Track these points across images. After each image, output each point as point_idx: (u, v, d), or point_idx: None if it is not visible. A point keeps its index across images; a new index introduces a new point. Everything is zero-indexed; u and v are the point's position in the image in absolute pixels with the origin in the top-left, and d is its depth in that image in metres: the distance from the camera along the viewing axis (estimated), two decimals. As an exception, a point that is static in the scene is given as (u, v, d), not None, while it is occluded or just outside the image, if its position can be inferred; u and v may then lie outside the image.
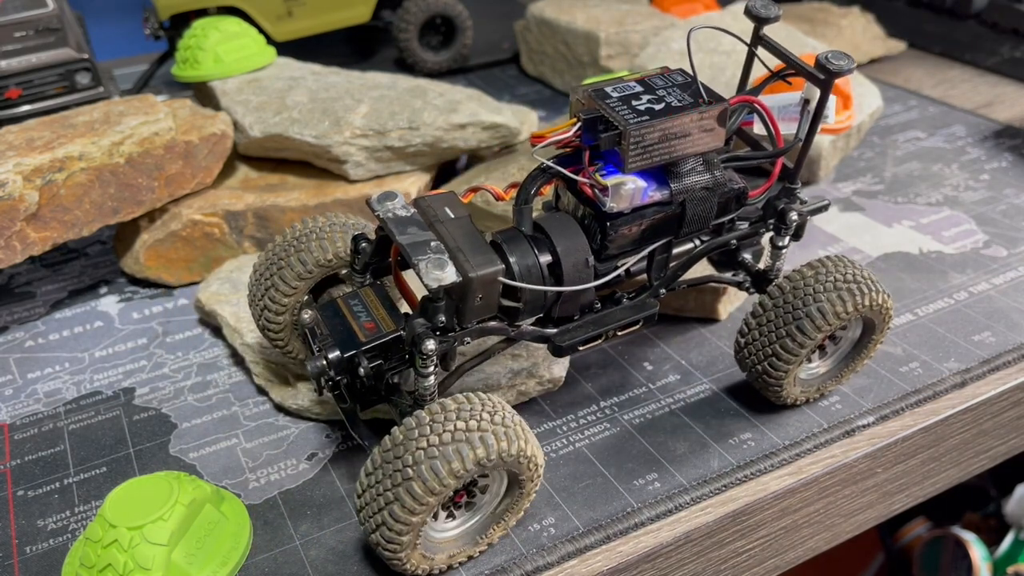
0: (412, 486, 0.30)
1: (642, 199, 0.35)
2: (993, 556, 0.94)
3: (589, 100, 0.35)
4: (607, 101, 0.34)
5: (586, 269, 0.35)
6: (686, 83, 0.35)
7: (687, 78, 0.36)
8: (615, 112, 0.33)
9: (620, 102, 0.34)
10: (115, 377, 0.47)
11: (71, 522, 0.38)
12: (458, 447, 0.31)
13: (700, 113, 0.34)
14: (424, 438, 0.31)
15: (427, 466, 0.30)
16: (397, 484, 0.31)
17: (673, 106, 0.34)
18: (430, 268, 0.31)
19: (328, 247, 0.39)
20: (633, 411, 0.44)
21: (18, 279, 0.57)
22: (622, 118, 0.33)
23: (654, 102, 0.34)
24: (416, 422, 0.32)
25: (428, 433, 0.31)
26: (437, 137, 0.56)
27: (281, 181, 0.58)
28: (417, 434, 0.31)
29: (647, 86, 0.35)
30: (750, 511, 0.39)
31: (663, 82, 0.35)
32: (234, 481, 0.40)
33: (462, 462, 0.31)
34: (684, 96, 0.34)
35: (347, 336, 0.36)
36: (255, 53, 0.64)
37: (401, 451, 0.31)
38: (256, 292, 0.41)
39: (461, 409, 0.32)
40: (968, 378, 0.45)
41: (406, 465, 0.31)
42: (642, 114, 0.33)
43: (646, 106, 0.34)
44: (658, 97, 0.34)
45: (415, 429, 0.32)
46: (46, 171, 0.48)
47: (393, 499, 0.31)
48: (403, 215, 0.34)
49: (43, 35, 0.61)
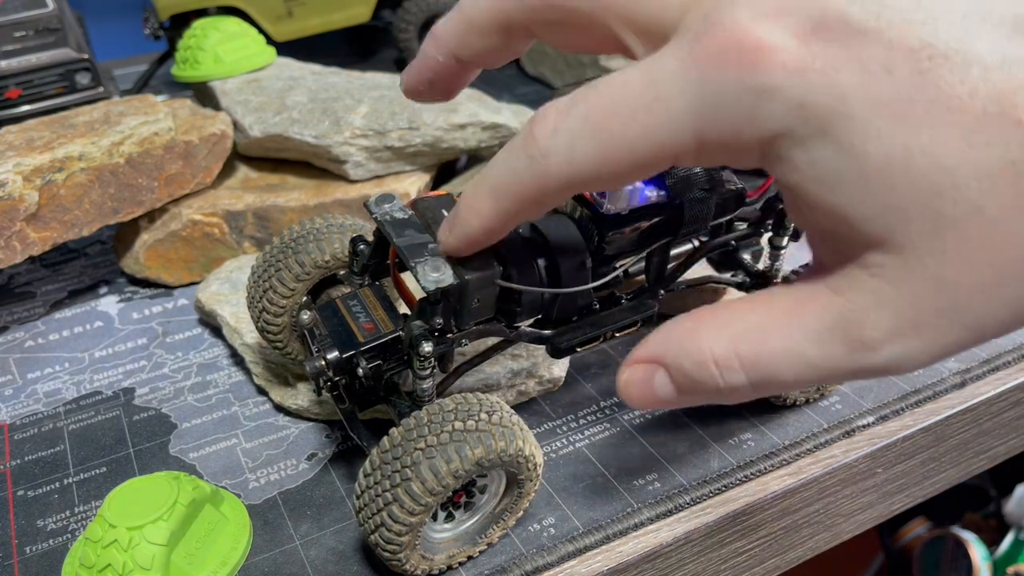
0: (411, 486, 0.30)
1: (639, 200, 0.35)
2: (993, 556, 0.94)
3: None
4: None
5: (584, 271, 0.35)
6: None
7: None
8: None
9: None
10: (115, 377, 0.47)
11: (71, 522, 0.38)
12: (457, 447, 0.31)
13: None
14: (422, 438, 0.31)
15: (426, 466, 0.31)
16: (396, 485, 0.31)
17: None
18: (427, 271, 0.31)
19: (326, 248, 0.39)
20: (633, 411, 0.44)
21: (18, 279, 0.57)
22: None
23: None
24: (415, 422, 0.32)
25: (427, 433, 0.31)
26: (437, 137, 0.56)
27: (281, 181, 0.58)
28: (415, 434, 0.31)
29: None
30: (750, 511, 0.39)
31: None
32: (234, 481, 0.40)
33: (461, 462, 0.31)
34: None
35: (346, 337, 0.36)
36: (255, 53, 0.64)
37: (400, 452, 0.31)
38: (254, 294, 0.41)
39: (459, 409, 0.32)
40: (968, 378, 0.45)
41: (405, 466, 0.31)
42: None
43: None
44: None
45: (413, 430, 0.32)
46: (46, 171, 0.48)
47: (392, 500, 0.31)
48: (400, 218, 0.34)
49: (43, 35, 0.61)
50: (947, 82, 0.20)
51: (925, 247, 0.21)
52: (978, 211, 0.20)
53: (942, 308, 0.22)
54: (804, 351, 0.23)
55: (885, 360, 0.23)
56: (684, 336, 0.25)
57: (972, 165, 0.20)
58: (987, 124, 0.20)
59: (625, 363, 0.26)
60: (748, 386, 0.24)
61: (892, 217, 0.21)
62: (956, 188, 0.20)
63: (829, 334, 0.23)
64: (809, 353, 0.23)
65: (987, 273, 0.21)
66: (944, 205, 0.20)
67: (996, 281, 0.21)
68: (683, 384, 0.25)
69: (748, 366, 0.24)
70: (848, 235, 0.22)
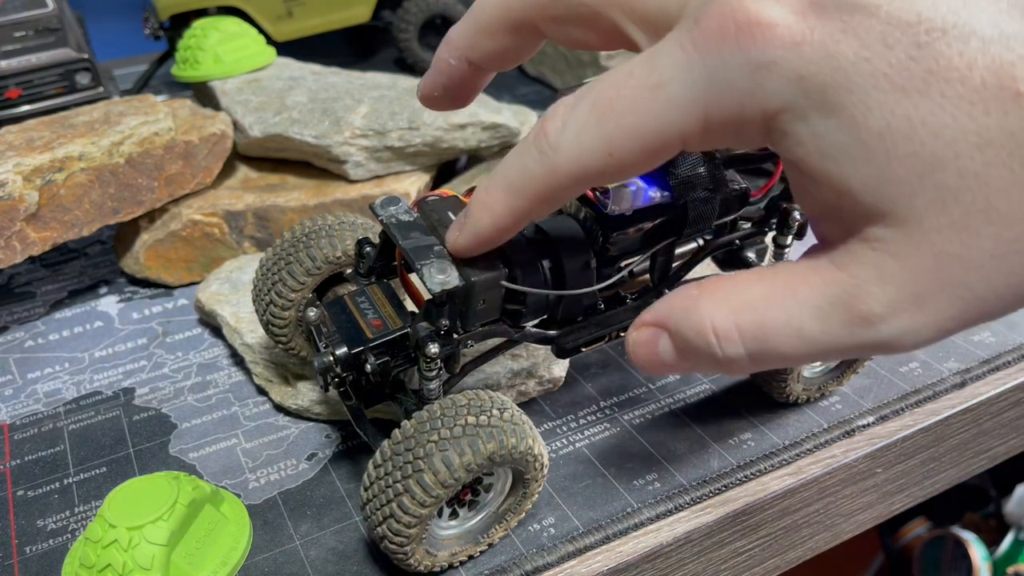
0: (423, 477, 0.31)
1: (643, 201, 0.35)
2: (993, 556, 0.94)
3: None
4: None
5: (588, 272, 0.35)
6: None
7: None
8: None
9: None
10: (115, 377, 0.47)
11: (71, 522, 0.38)
12: (470, 441, 0.31)
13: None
14: (436, 431, 0.31)
15: (439, 458, 0.31)
16: (408, 476, 0.31)
17: None
18: (433, 272, 0.31)
19: (338, 244, 0.40)
20: (633, 411, 0.44)
21: (18, 279, 0.57)
22: None
23: None
24: (428, 415, 0.32)
25: (440, 426, 0.31)
26: (437, 137, 0.56)
27: (281, 181, 0.58)
28: (429, 427, 0.32)
29: None
30: (750, 511, 0.39)
31: None
32: (234, 481, 0.40)
33: (474, 455, 0.31)
34: None
35: (354, 333, 0.36)
36: (255, 53, 0.64)
37: (413, 443, 0.31)
38: (262, 287, 0.41)
39: (472, 404, 0.32)
40: (968, 378, 0.45)
41: (417, 457, 0.31)
42: None
43: None
44: None
45: (427, 422, 0.32)
46: (46, 171, 0.48)
47: (403, 490, 0.31)
48: (406, 220, 0.34)
49: (43, 35, 0.61)
50: (945, 55, 0.20)
51: (927, 219, 0.21)
52: (980, 183, 0.20)
53: (944, 282, 0.22)
54: (804, 325, 0.23)
55: (886, 335, 0.23)
56: (688, 304, 0.25)
57: (973, 136, 0.20)
58: (986, 96, 0.20)
59: (634, 324, 0.27)
60: (746, 358, 0.24)
61: (894, 189, 0.21)
62: (958, 159, 0.20)
63: (830, 308, 0.23)
64: (809, 327, 0.23)
65: (989, 246, 0.21)
66: (946, 176, 0.21)
67: (998, 254, 0.21)
68: (684, 351, 0.25)
69: (748, 338, 0.24)
70: (851, 209, 0.22)
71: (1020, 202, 0.20)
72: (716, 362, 0.25)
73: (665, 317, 0.26)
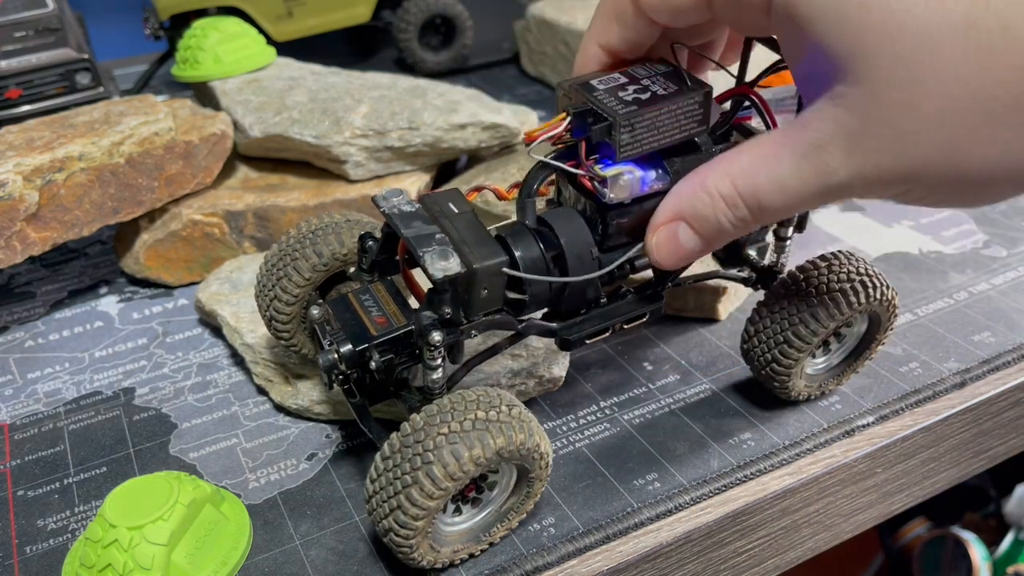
0: (432, 470, 0.31)
1: (642, 189, 0.35)
2: (993, 556, 0.94)
3: (576, 94, 0.35)
4: (594, 94, 0.34)
5: (590, 260, 0.35)
6: (669, 71, 0.36)
7: (670, 67, 0.36)
8: (603, 104, 0.34)
9: (607, 94, 0.34)
10: (115, 377, 0.47)
11: (71, 522, 0.38)
12: (480, 435, 0.31)
13: (686, 99, 0.34)
14: (446, 424, 0.32)
15: (448, 451, 0.31)
16: (416, 468, 0.31)
17: (659, 94, 0.34)
18: (435, 259, 0.31)
19: (345, 241, 0.40)
20: (633, 411, 0.44)
21: (18, 279, 0.57)
22: (611, 109, 0.33)
23: (640, 92, 0.34)
24: (437, 409, 0.32)
25: (450, 420, 0.32)
26: (437, 137, 0.56)
27: (281, 181, 0.58)
28: (439, 420, 0.32)
29: (631, 77, 0.36)
30: (750, 511, 0.39)
31: (647, 72, 0.36)
32: (234, 481, 0.40)
33: (483, 449, 0.31)
34: (668, 84, 0.35)
35: (359, 330, 0.36)
36: (255, 53, 0.64)
37: (422, 436, 0.32)
38: (266, 283, 0.41)
39: (480, 400, 0.33)
40: (968, 378, 0.45)
41: (427, 450, 0.31)
42: (630, 104, 0.33)
43: (633, 96, 0.34)
44: (643, 87, 0.35)
45: (436, 415, 0.32)
46: (46, 171, 0.48)
47: (411, 483, 0.31)
48: (408, 210, 0.35)
49: (43, 35, 0.61)
50: None
51: (882, 77, 0.25)
52: (934, 50, 0.24)
53: (888, 133, 0.26)
54: (785, 180, 0.28)
55: (844, 178, 0.27)
56: (693, 187, 0.31)
57: (938, 15, 0.24)
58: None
59: (649, 230, 0.32)
60: (750, 217, 0.30)
61: (859, 48, 0.25)
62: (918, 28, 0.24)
63: (804, 161, 0.27)
64: (790, 181, 0.28)
65: (931, 106, 0.25)
66: (906, 39, 0.24)
67: (938, 117, 0.25)
68: (703, 228, 0.31)
69: (748, 199, 0.29)
70: (823, 67, 0.27)
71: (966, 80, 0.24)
72: (731, 226, 0.30)
73: (677, 207, 0.31)
